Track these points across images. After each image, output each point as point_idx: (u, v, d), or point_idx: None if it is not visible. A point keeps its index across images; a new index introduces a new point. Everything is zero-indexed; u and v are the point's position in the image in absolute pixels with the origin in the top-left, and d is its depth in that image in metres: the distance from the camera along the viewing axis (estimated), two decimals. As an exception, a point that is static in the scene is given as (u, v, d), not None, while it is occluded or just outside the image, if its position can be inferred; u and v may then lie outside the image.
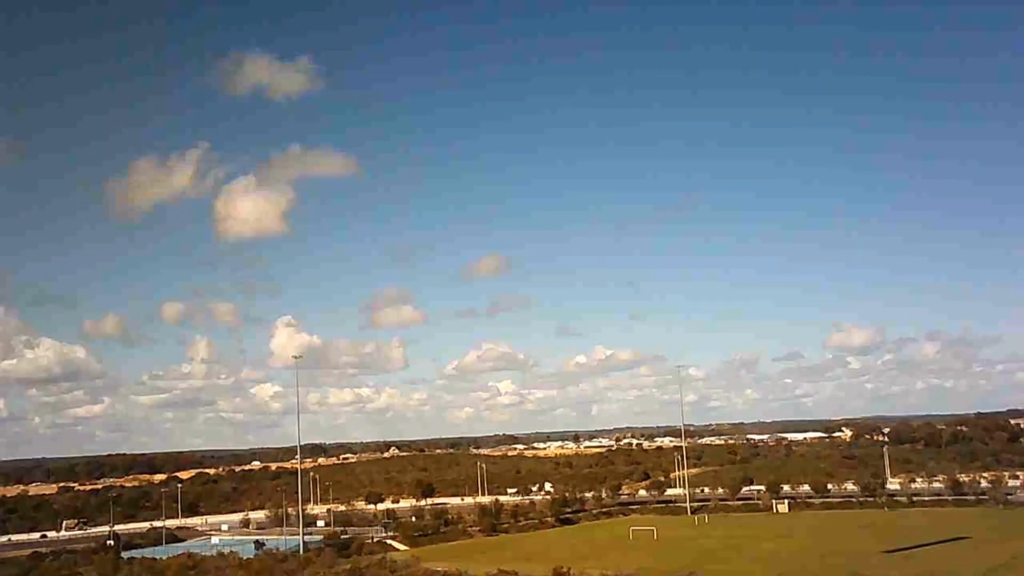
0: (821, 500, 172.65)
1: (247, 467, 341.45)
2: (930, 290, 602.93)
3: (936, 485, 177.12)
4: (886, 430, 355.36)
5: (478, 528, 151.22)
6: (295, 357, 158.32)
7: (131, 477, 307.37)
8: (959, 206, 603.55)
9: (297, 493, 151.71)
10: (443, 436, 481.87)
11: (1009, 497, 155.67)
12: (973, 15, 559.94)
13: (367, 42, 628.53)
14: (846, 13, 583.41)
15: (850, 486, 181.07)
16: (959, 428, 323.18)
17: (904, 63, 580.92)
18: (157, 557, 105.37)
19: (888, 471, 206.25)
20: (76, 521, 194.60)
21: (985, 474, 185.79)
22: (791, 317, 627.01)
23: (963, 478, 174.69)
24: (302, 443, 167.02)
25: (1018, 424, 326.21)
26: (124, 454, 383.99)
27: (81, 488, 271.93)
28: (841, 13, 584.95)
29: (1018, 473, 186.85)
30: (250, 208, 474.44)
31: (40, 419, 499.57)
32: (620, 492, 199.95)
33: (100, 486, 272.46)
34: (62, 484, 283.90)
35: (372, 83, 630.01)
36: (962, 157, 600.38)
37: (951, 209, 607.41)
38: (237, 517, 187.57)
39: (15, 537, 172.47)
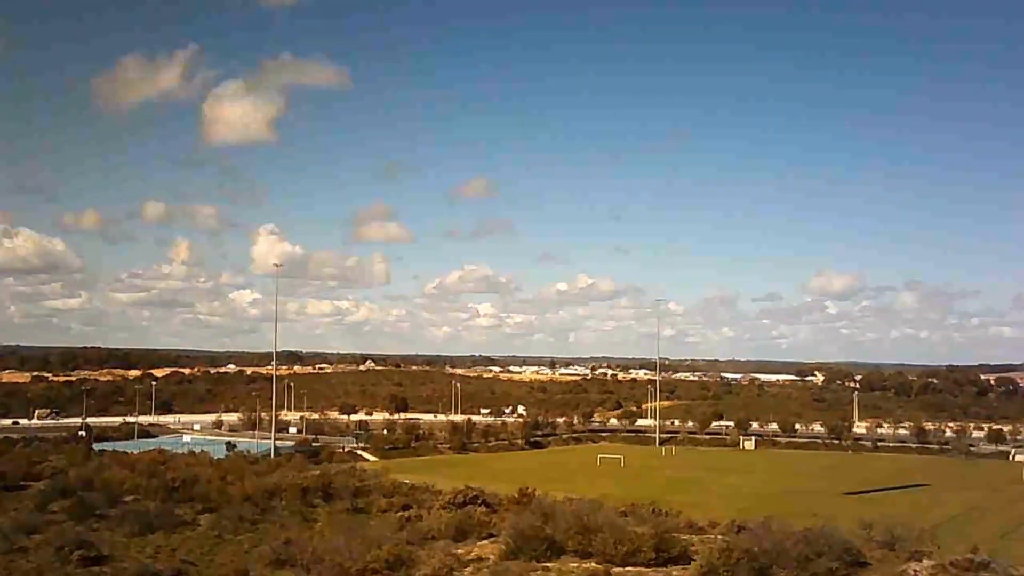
0: (787, 439, 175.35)
1: (222, 369, 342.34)
2: (912, 239, 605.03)
3: (901, 432, 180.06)
4: (858, 376, 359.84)
5: (448, 445, 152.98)
6: (276, 265, 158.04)
7: (105, 371, 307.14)
8: (948, 158, 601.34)
9: (271, 398, 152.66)
10: (420, 353, 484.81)
11: (972, 448, 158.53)
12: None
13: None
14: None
15: (817, 428, 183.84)
16: (930, 379, 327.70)
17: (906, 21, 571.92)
18: (128, 451, 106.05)
19: (856, 415, 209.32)
20: (49, 410, 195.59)
21: (951, 424, 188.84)
22: (773, 257, 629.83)
23: (929, 426, 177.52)
24: (279, 350, 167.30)
25: (988, 379, 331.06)
26: (99, 347, 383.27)
27: (55, 378, 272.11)
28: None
29: (983, 425, 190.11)
30: (238, 113, 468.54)
31: (16, 308, 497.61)
32: (592, 419, 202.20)
33: (74, 378, 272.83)
34: (36, 373, 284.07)
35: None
36: (948, 109, 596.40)
37: (939, 160, 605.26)
38: (210, 418, 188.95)
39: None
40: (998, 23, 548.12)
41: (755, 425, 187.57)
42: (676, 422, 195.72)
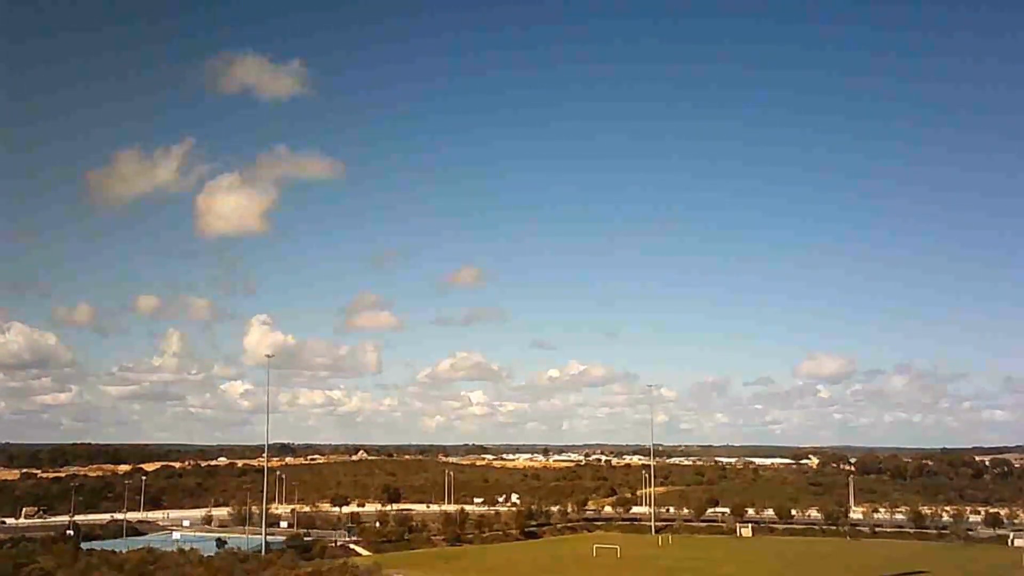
0: (784, 525, 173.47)
1: (213, 463, 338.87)
2: (902, 322, 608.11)
3: (898, 516, 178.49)
4: (852, 460, 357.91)
5: (442, 537, 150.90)
6: (268, 356, 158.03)
7: (95, 467, 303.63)
8: (937, 241, 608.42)
9: (262, 492, 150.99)
10: (413, 442, 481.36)
11: (970, 532, 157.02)
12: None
13: (359, 48, 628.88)
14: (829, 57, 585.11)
15: (814, 513, 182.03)
16: (925, 462, 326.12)
17: (882, 88, 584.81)
18: (116, 550, 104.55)
19: (852, 500, 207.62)
20: (36, 509, 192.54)
21: (948, 508, 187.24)
22: (764, 342, 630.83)
23: (926, 511, 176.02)
24: (271, 442, 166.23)
25: (983, 461, 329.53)
26: (89, 444, 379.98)
27: (44, 475, 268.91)
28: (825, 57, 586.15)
29: (980, 508, 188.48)
30: (232, 206, 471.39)
31: (6, 404, 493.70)
32: (586, 507, 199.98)
33: (63, 474, 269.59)
34: (25, 470, 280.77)
35: (361, 89, 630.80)
36: (938, 192, 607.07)
37: (928, 243, 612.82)
38: (200, 513, 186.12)
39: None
40: (990, 93, 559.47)
41: (751, 511, 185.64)
42: (671, 508, 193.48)
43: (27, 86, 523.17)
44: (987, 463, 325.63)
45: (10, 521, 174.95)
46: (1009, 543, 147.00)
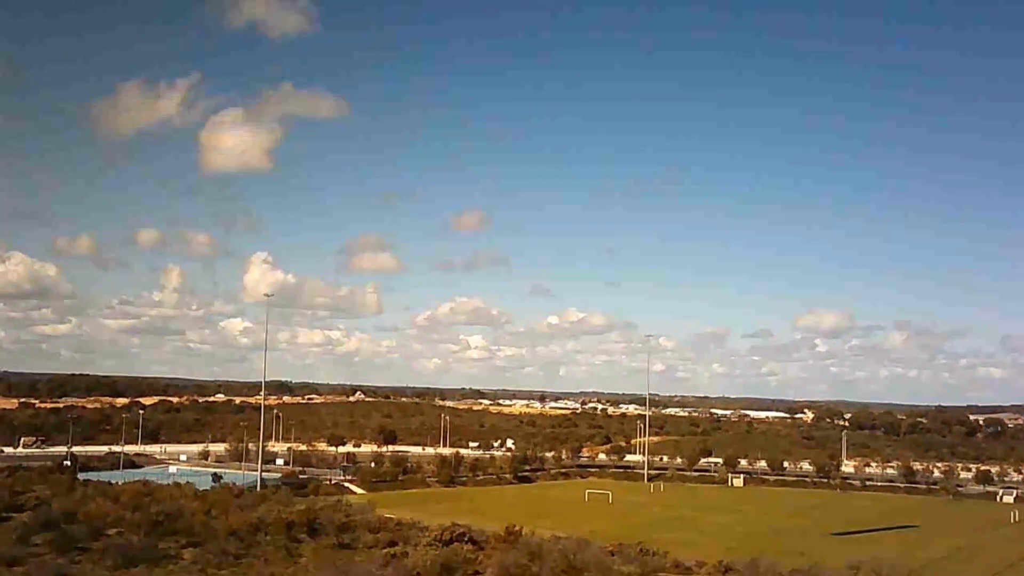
0: (776, 477, 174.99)
1: (211, 399, 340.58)
2: (901, 278, 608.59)
3: (889, 471, 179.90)
4: (847, 415, 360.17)
5: (436, 479, 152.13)
6: (267, 295, 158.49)
7: (93, 399, 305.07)
8: (939, 198, 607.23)
9: (259, 429, 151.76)
10: (410, 385, 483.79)
11: (960, 489, 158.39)
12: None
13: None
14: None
15: (806, 466, 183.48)
16: (918, 419, 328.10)
17: (897, 53, 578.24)
18: (113, 481, 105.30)
19: (844, 454, 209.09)
20: (34, 438, 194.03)
21: (939, 464, 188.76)
22: (763, 294, 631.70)
23: (917, 466, 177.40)
24: (268, 380, 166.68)
25: (976, 419, 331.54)
26: (87, 375, 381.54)
27: (42, 405, 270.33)
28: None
29: (971, 466, 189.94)
30: (236, 141, 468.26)
31: (5, 333, 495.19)
32: (580, 454, 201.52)
33: (61, 405, 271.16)
34: (23, 400, 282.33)
35: (369, 28, 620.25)
36: (940, 149, 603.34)
37: (929, 200, 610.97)
38: (197, 448, 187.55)
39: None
40: (990, 61, 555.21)
41: (744, 462, 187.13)
42: (665, 458, 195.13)
43: (30, 15, 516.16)
44: (980, 421, 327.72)
45: (8, 450, 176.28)
46: (998, 500, 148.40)
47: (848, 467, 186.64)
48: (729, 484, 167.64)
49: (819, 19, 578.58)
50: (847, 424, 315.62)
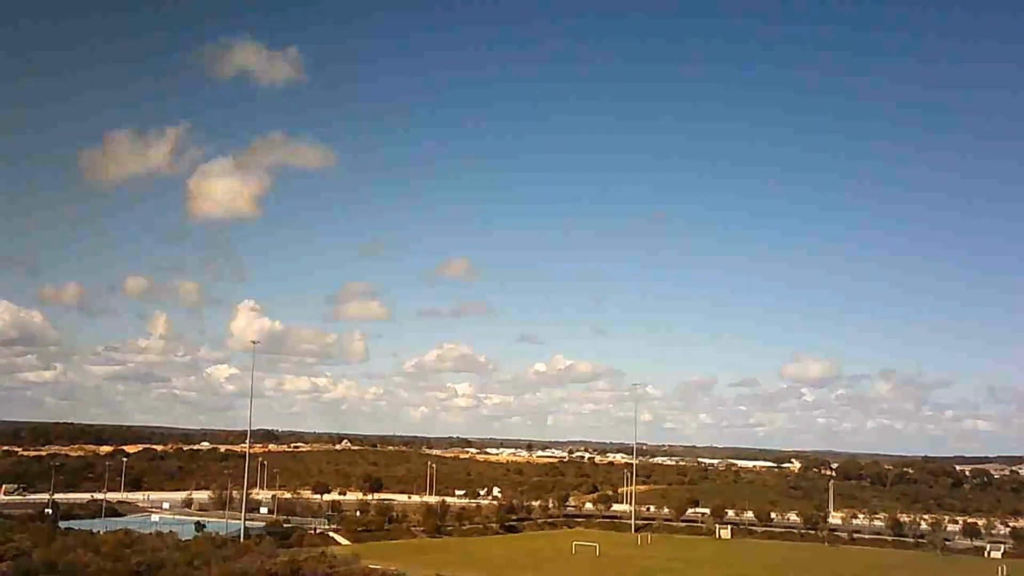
0: (763, 528, 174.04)
1: (196, 447, 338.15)
2: (888, 327, 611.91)
3: (877, 523, 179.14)
4: (834, 465, 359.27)
5: (422, 528, 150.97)
6: (253, 342, 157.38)
7: (76, 446, 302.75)
8: (926, 246, 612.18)
9: (244, 477, 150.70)
10: (397, 433, 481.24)
11: (947, 543, 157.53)
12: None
13: (355, 37, 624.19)
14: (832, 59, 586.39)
15: (793, 517, 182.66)
16: (905, 469, 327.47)
17: (868, 90, 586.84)
18: (94, 530, 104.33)
19: (832, 505, 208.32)
20: (16, 486, 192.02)
21: (926, 516, 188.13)
22: (751, 343, 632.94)
23: (904, 518, 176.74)
24: (254, 428, 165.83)
25: (963, 470, 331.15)
26: (72, 423, 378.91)
27: (25, 453, 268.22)
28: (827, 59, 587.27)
29: (958, 518, 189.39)
30: (224, 189, 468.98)
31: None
32: (567, 503, 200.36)
33: (44, 453, 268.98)
34: (5, 447, 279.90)
35: (357, 78, 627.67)
36: (926, 203, 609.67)
37: (917, 248, 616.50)
38: (180, 496, 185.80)
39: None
40: (979, 98, 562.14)
41: (731, 513, 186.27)
42: (652, 508, 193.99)
43: (22, 66, 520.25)
44: (967, 473, 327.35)
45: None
46: (985, 555, 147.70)
47: (835, 518, 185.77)
48: (716, 535, 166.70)
49: (794, 69, 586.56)
50: (834, 474, 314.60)
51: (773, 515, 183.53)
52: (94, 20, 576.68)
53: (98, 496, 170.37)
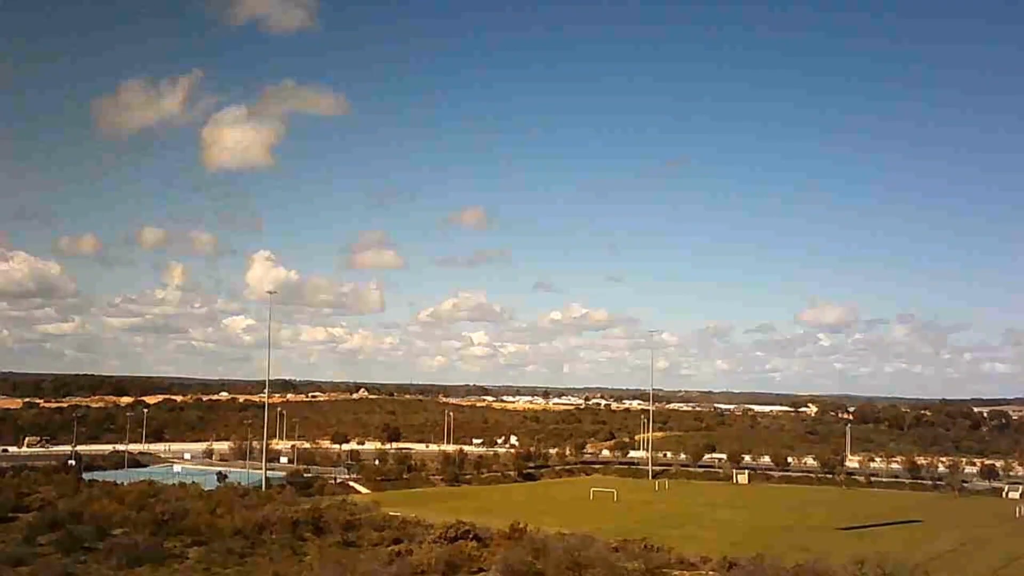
0: (780, 473, 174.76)
1: (215, 397, 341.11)
2: (905, 272, 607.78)
3: (894, 466, 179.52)
4: (851, 409, 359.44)
5: (440, 476, 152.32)
6: (269, 292, 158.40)
7: (97, 398, 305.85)
8: (941, 190, 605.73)
9: (263, 427, 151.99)
10: (414, 382, 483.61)
11: (964, 484, 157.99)
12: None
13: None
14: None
15: (810, 461, 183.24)
16: (923, 412, 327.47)
17: (900, 47, 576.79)
18: (118, 481, 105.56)
19: (849, 449, 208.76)
20: (39, 438, 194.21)
21: (944, 459, 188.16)
22: (766, 289, 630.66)
23: (921, 461, 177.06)
24: (272, 378, 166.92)
25: (981, 412, 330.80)
26: (91, 374, 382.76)
27: (46, 405, 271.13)
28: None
29: (976, 460, 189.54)
30: (238, 139, 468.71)
31: (8, 332, 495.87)
32: (584, 451, 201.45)
33: (65, 404, 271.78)
34: (27, 400, 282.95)
35: (369, 24, 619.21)
36: (942, 146, 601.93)
37: (932, 193, 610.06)
38: (201, 446, 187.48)
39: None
40: (991, 54, 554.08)
41: (748, 458, 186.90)
42: (669, 454, 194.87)
43: (29, 15, 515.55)
44: (985, 415, 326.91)
45: (12, 450, 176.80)
46: (1004, 495, 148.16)
47: (852, 462, 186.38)
48: (733, 480, 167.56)
49: (820, 14, 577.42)
50: (851, 418, 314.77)
51: (790, 460, 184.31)
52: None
53: (120, 447, 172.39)
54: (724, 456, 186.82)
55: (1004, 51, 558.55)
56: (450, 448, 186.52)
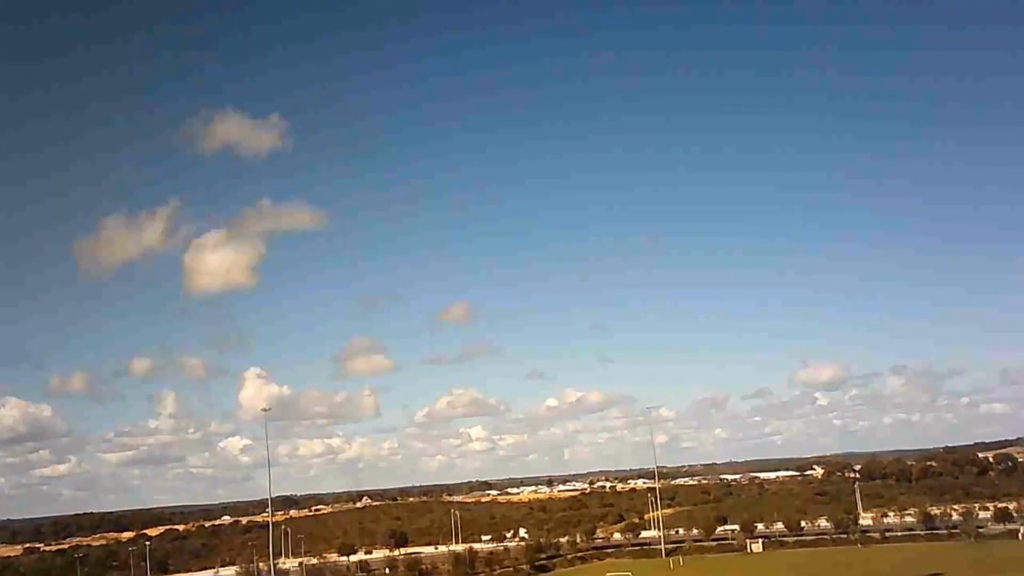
0: (795, 538, 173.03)
1: (217, 522, 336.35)
2: (894, 323, 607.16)
3: (908, 519, 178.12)
4: (857, 467, 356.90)
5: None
6: (264, 409, 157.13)
7: (98, 536, 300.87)
8: (923, 239, 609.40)
9: (269, 547, 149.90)
10: (416, 484, 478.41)
11: (980, 530, 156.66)
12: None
13: (335, 99, 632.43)
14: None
15: (823, 523, 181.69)
16: (928, 463, 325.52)
17: (868, 88, 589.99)
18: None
19: (860, 507, 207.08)
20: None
21: (956, 507, 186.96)
22: (758, 354, 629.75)
23: (934, 511, 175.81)
24: (273, 496, 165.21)
25: (986, 457, 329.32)
26: (91, 513, 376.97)
27: (47, 549, 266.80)
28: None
29: (988, 505, 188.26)
30: (219, 262, 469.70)
31: (5, 480, 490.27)
32: (595, 536, 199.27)
33: (66, 546, 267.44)
34: (28, 545, 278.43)
35: (340, 138, 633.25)
36: (922, 192, 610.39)
37: (914, 241, 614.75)
38: (208, 574, 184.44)
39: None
40: (984, 89, 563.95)
41: (760, 526, 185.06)
42: (680, 530, 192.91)
43: (9, 167, 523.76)
44: (991, 459, 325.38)
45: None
46: (1020, 537, 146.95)
47: (866, 520, 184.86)
48: (748, 550, 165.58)
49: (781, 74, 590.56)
50: (858, 476, 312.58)
51: (803, 523, 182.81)
52: (72, 103, 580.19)
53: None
54: (736, 527, 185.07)
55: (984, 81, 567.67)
56: (459, 548, 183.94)
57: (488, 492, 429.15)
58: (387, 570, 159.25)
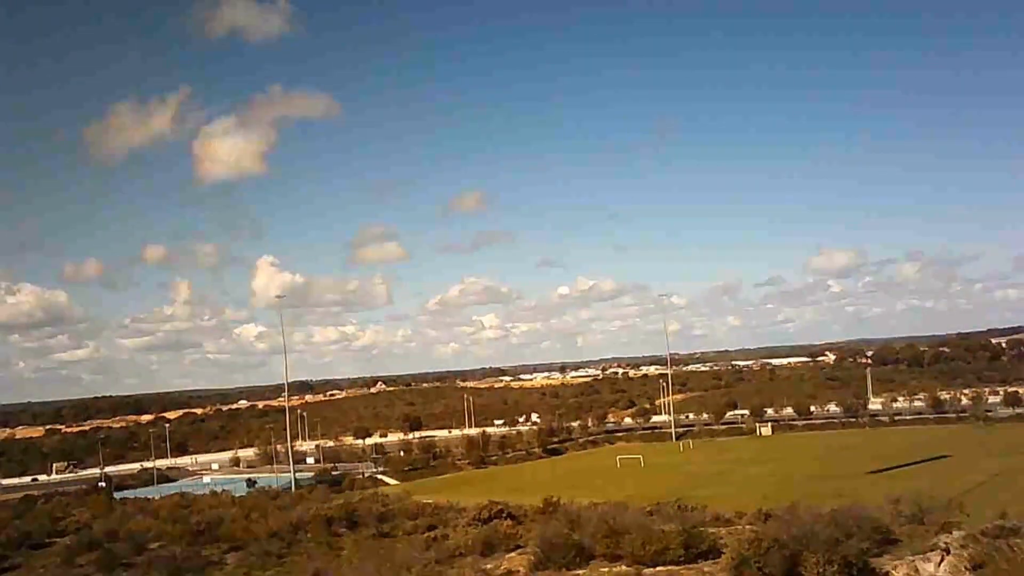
0: (804, 422, 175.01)
1: (234, 406, 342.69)
2: (908, 210, 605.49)
3: (917, 404, 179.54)
4: (869, 352, 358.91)
5: (466, 461, 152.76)
6: (277, 296, 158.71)
7: (118, 419, 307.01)
8: (936, 124, 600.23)
9: (285, 430, 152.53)
10: (429, 371, 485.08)
11: (989, 414, 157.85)
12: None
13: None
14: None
15: (833, 407, 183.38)
16: (941, 348, 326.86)
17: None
18: (150, 497, 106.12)
19: (870, 391, 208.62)
20: (66, 463, 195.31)
21: (966, 391, 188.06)
22: (771, 241, 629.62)
23: (944, 396, 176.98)
24: (289, 381, 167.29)
25: (1000, 343, 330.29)
26: (110, 396, 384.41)
27: (68, 430, 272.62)
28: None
29: (998, 389, 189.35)
30: (230, 149, 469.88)
31: (24, 364, 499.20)
32: (606, 420, 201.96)
33: (87, 428, 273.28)
34: (49, 427, 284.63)
35: (350, 23, 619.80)
36: (938, 79, 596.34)
37: (929, 127, 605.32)
38: (227, 456, 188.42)
39: (5, 481, 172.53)
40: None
41: (770, 411, 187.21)
42: (691, 415, 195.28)
43: (18, 53, 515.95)
44: (1003, 344, 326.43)
45: (42, 477, 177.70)
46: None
47: (875, 404, 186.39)
48: (758, 434, 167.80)
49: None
50: (870, 361, 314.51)
51: (812, 408, 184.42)
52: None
53: (147, 464, 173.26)
54: (746, 411, 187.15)
55: None
56: (473, 432, 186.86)
57: (501, 378, 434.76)
58: (401, 452, 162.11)
